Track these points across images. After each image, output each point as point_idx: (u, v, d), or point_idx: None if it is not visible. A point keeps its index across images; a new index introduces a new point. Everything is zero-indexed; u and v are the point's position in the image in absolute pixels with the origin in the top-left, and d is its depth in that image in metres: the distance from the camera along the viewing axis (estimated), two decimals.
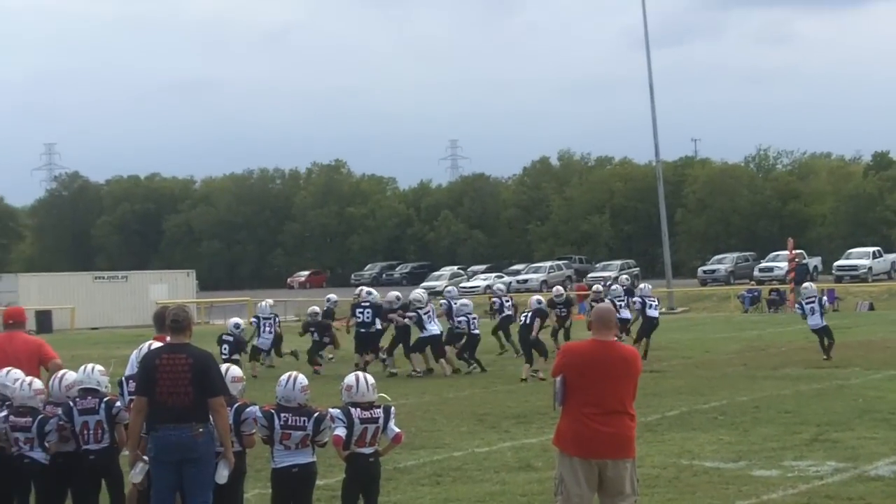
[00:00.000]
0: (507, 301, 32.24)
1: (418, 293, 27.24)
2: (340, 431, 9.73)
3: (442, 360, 26.13)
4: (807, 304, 26.91)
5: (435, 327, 26.39)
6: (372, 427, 9.89)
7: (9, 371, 11.01)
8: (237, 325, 25.84)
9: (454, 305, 28.02)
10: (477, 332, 27.21)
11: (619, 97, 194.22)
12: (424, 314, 26.18)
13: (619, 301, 29.27)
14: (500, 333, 31.12)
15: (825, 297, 27.94)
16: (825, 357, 26.22)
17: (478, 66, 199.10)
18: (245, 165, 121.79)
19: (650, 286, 30.22)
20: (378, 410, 9.97)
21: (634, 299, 29.46)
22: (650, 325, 28.37)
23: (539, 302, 26.53)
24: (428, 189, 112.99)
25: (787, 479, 12.69)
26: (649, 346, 27.92)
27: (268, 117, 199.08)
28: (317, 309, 29.58)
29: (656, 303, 29.14)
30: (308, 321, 29.64)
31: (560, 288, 32.87)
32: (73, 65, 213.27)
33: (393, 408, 10.17)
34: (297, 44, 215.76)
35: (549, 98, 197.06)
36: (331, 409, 9.91)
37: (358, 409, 9.87)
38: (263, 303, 30.09)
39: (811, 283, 29.46)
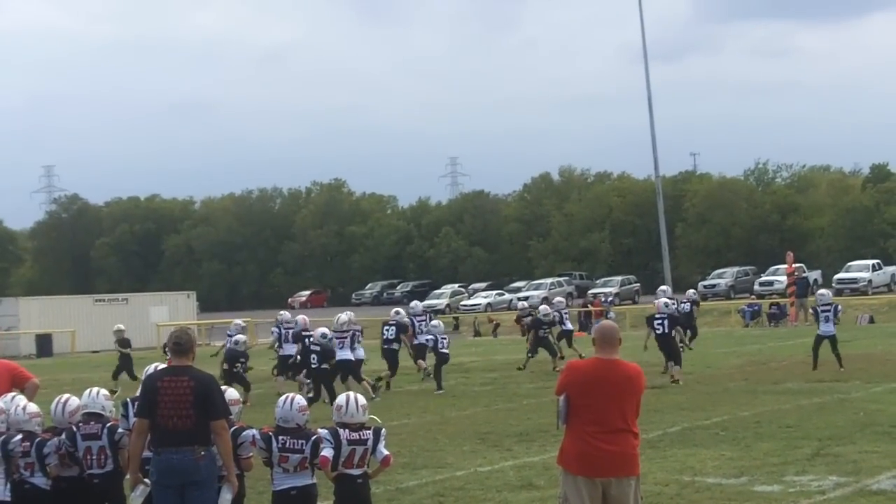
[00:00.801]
0: (566, 314, 33.44)
1: (344, 315, 26.82)
2: (327, 452, 9.73)
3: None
4: (822, 311, 27.04)
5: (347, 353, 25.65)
6: (360, 449, 9.87)
7: (14, 396, 10.99)
8: (324, 335, 25.41)
9: (416, 322, 28.89)
10: (445, 351, 27.60)
11: (618, 112, 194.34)
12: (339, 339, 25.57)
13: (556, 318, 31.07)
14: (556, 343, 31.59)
15: (839, 307, 28.10)
16: (840, 367, 26.42)
17: (477, 83, 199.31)
18: (245, 185, 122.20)
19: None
20: (367, 432, 9.95)
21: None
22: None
23: (666, 305, 27.14)
24: (428, 207, 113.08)
25: (789, 495, 12.69)
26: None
27: (267, 137, 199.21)
28: (325, 331, 28.67)
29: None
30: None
31: (546, 307, 32.96)
32: (72, 87, 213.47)
33: (384, 430, 10.13)
34: (296, 63, 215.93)
35: (548, 114, 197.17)
36: (319, 430, 9.92)
37: (347, 431, 9.86)
38: (284, 312, 30.85)
39: (827, 291, 29.59)
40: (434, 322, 29.15)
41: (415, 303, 34.18)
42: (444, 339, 28.11)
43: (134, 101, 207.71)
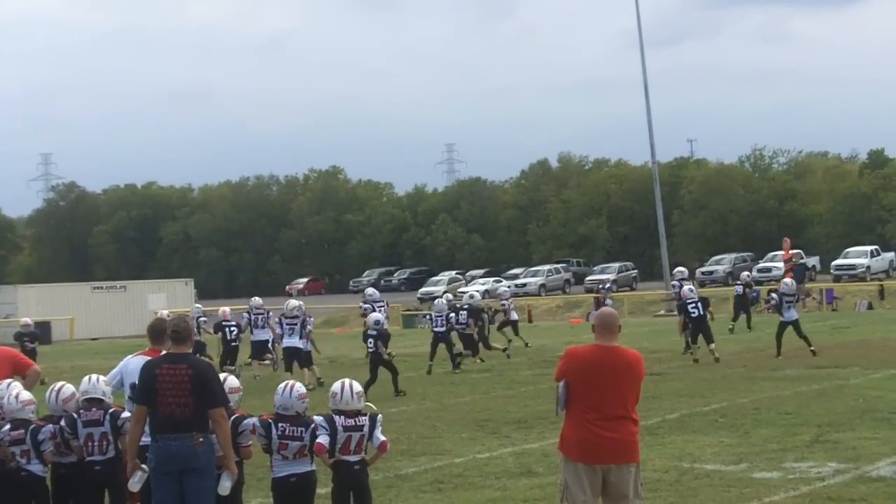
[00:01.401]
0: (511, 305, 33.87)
1: (294, 302, 27.85)
2: (323, 439, 9.72)
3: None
4: (786, 300, 27.52)
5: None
6: (356, 435, 9.86)
7: (10, 384, 10.97)
8: (378, 322, 25.48)
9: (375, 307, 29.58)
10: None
11: (615, 99, 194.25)
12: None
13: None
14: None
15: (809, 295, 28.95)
16: (811, 348, 27.05)
17: (473, 70, 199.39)
18: (242, 173, 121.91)
19: (692, 286, 30.22)
20: (363, 419, 9.94)
21: (673, 283, 30.10)
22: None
23: (692, 291, 28.57)
24: (424, 194, 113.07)
25: (788, 481, 12.68)
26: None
27: (264, 125, 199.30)
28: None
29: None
30: None
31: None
32: (70, 76, 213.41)
33: (380, 416, 10.12)
34: (293, 51, 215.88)
35: (544, 101, 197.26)
36: (314, 417, 9.91)
37: (342, 417, 9.84)
38: (256, 299, 31.36)
39: (791, 281, 29.87)
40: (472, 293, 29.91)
41: (371, 290, 34.74)
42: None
43: (132, 90, 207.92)
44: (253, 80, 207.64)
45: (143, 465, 9.49)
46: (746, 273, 46.91)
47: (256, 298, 31.49)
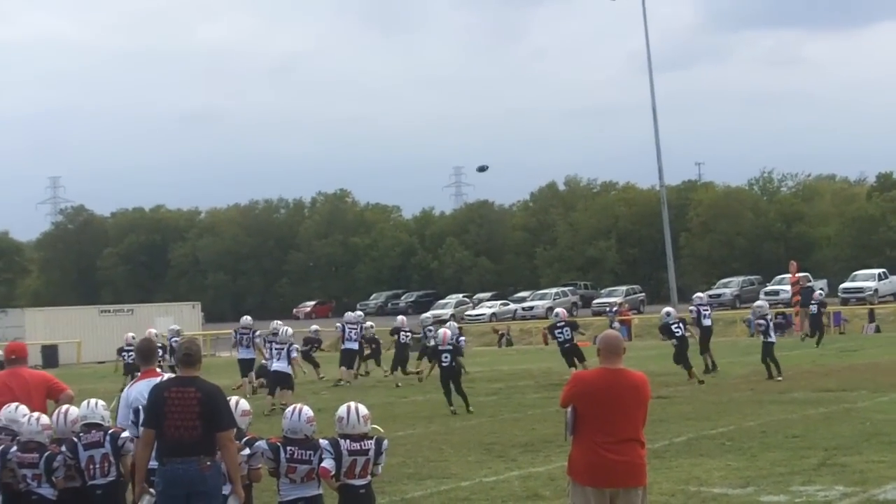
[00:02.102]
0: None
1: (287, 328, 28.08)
2: (328, 463, 9.72)
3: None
4: (760, 321, 28.13)
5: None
6: (361, 459, 9.85)
7: (18, 406, 11.02)
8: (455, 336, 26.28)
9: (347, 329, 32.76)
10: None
11: (624, 122, 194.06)
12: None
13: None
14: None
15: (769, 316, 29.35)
16: (779, 377, 27.47)
17: (482, 93, 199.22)
18: (250, 196, 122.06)
19: (705, 295, 31.35)
20: (369, 442, 9.93)
21: (690, 308, 30.39)
22: (708, 333, 30.33)
23: (668, 314, 29.24)
24: (432, 217, 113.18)
25: None
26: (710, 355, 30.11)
27: (273, 148, 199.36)
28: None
29: (709, 311, 30.12)
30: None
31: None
32: (79, 98, 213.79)
33: (386, 441, 10.13)
34: (303, 74, 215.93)
35: (554, 124, 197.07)
36: (320, 441, 9.91)
37: (348, 441, 9.85)
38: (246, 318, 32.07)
39: (765, 302, 30.60)
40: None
41: (348, 313, 36.26)
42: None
43: (141, 113, 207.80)
44: (262, 103, 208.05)
45: (151, 490, 9.51)
46: (820, 291, 48.53)
47: (246, 318, 31.87)
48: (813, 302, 44.38)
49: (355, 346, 33.34)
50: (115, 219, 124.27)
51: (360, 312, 40.21)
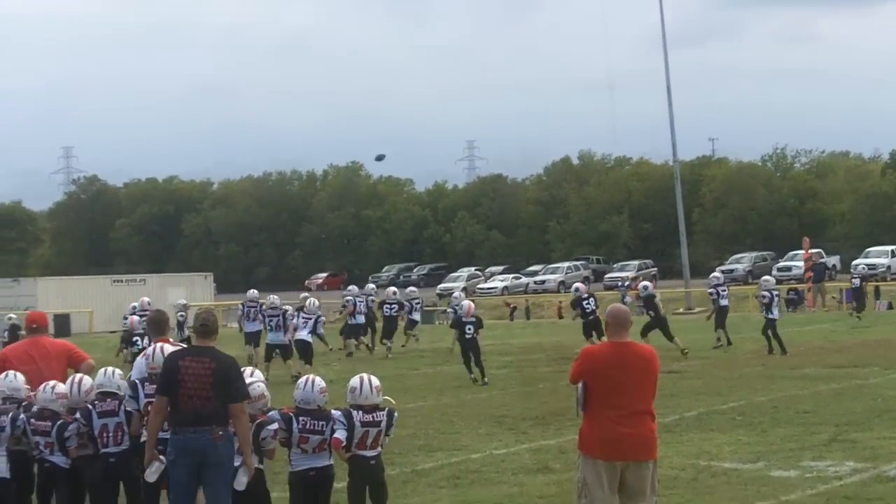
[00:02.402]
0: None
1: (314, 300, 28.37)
2: (340, 434, 9.75)
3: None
4: (765, 293, 28.03)
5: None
6: (373, 430, 9.90)
7: (17, 375, 11.05)
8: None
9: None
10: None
11: (637, 97, 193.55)
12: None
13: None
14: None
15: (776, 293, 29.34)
16: (783, 353, 27.49)
17: (495, 66, 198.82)
18: (262, 168, 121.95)
19: (722, 275, 31.72)
20: (381, 414, 9.98)
21: (709, 290, 31.22)
22: (724, 312, 30.75)
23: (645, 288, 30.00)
24: (444, 190, 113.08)
25: (805, 480, 12.67)
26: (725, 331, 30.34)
27: (285, 120, 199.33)
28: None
29: (726, 291, 30.38)
30: None
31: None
32: (92, 69, 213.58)
33: (396, 412, 10.18)
34: (314, 47, 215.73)
35: (567, 98, 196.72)
36: (332, 411, 9.93)
37: (360, 412, 9.87)
38: (253, 291, 33.06)
39: (771, 277, 30.62)
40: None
41: (351, 286, 36.55)
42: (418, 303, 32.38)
43: (153, 85, 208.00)
44: (274, 76, 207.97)
45: (162, 457, 9.53)
46: (863, 266, 49.28)
47: (253, 291, 32.24)
48: (855, 276, 45.37)
49: (361, 319, 33.51)
50: (127, 189, 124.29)
51: (371, 286, 40.81)
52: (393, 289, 36.70)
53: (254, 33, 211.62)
